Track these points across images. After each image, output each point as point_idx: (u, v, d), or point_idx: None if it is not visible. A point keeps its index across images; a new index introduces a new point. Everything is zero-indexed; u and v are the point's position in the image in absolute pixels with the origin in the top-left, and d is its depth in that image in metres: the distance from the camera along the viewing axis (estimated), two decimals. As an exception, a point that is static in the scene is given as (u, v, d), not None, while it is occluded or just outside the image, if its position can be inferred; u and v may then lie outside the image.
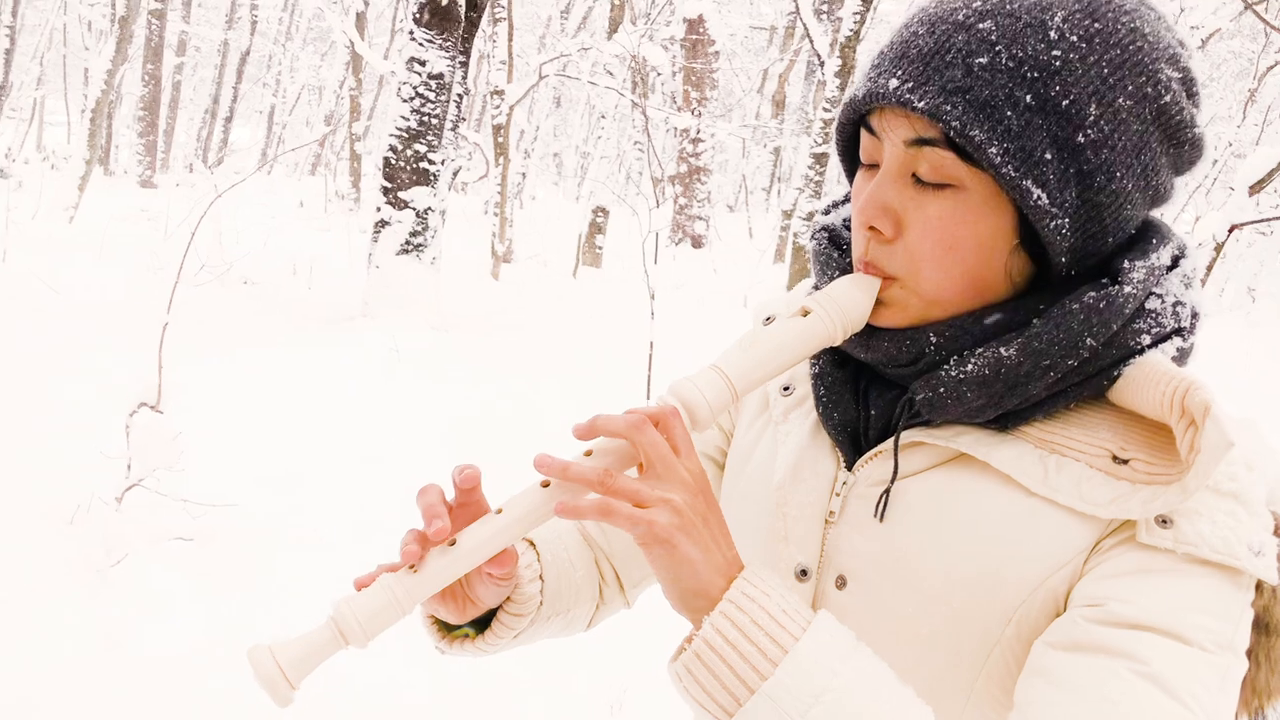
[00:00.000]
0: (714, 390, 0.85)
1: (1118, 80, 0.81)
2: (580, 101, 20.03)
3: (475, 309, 8.05)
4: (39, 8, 23.06)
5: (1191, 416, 0.78)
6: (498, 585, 0.93)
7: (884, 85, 0.84)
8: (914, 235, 0.86)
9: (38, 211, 10.84)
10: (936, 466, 0.89)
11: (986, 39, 0.81)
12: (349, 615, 0.79)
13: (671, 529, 0.79)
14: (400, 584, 0.81)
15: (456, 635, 1.01)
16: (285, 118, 24.81)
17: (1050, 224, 0.82)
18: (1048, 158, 0.81)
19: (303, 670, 0.78)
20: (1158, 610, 0.77)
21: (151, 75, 18.68)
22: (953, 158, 0.82)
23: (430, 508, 0.84)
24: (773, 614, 0.78)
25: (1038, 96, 0.80)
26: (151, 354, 3.77)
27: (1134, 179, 0.83)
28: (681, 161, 14.61)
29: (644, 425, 0.81)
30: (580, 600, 1.10)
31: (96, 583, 3.21)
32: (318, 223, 14.40)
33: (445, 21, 6.85)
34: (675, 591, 0.81)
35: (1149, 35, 0.83)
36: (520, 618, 1.00)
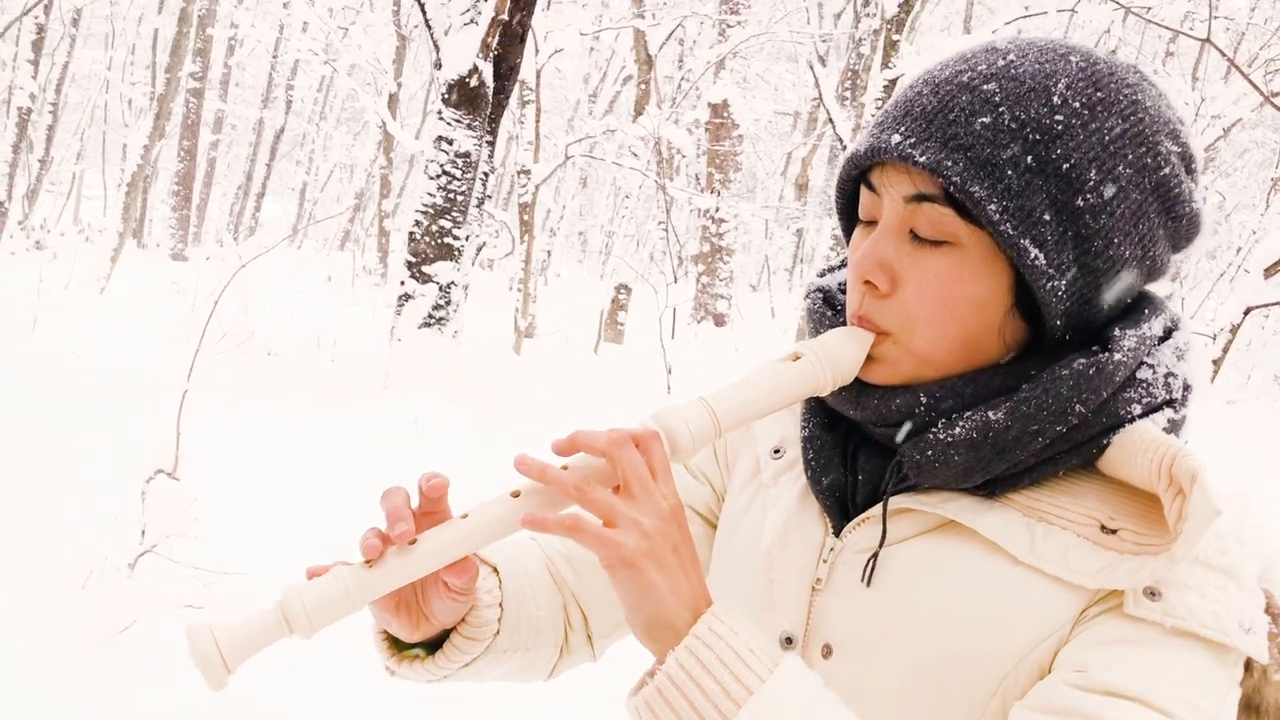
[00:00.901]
0: (698, 421, 0.84)
1: (1119, 148, 0.82)
2: (606, 182, 20.33)
3: (496, 383, 8.08)
4: (82, 86, 23.74)
5: (1179, 485, 0.77)
6: (454, 599, 0.90)
7: (886, 140, 0.85)
8: (909, 291, 0.86)
9: (70, 282, 11.03)
10: (924, 533, 0.88)
11: (990, 100, 0.82)
12: (296, 602, 0.76)
13: (639, 553, 0.77)
14: (354, 577, 0.78)
15: (407, 655, 0.97)
16: (317, 194, 25.27)
17: (1046, 285, 0.82)
18: (1046, 218, 0.81)
19: (241, 653, 0.75)
20: (1140, 679, 0.76)
21: (187, 151, 19.11)
22: (952, 214, 0.83)
23: (395, 509, 0.82)
24: (739, 652, 0.76)
25: (1039, 158, 0.81)
26: (171, 421, 3.80)
27: (1131, 246, 0.84)
28: (705, 241, 14.74)
29: (625, 443, 0.80)
30: (541, 641, 1.06)
31: (105, 649, 3.19)
32: (345, 297, 14.56)
33: (473, 102, 7.00)
34: (639, 619, 0.79)
35: (1150, 108, 0.84)
36: (474, 642, 0.96)
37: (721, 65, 14.44)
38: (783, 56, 21.56)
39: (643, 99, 13.20)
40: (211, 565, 3.60)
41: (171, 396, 3.95)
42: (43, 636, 3.18)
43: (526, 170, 11.29)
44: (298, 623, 0.75)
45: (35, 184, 16.97)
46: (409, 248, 7.07)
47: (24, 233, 15.47)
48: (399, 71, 16.38)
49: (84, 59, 20.74)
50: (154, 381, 5.90)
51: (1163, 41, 17.26)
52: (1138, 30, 17.26)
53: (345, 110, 25.59)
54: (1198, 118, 12.68)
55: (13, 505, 4.01)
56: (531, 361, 9.95)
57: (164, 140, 17.69)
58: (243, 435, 5.36)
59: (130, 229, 12.42)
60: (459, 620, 0.95)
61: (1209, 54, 14.86)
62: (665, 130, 10.54)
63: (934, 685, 0.84)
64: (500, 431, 6.43)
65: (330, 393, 6.92)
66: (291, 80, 23.96)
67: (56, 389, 5.70)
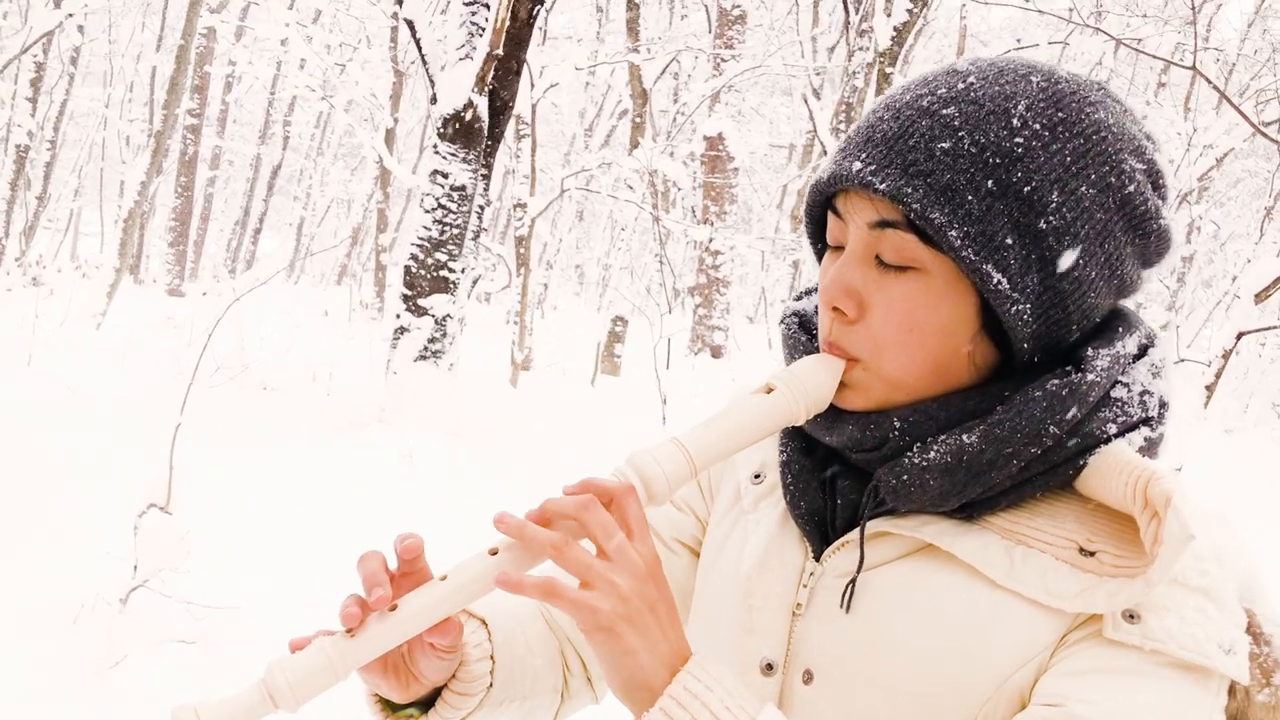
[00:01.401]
0: (673, 464, 0.83)
1: (1080, 169, 0.81)
2: (602, 216, 20.41)
3: (492, 415, 8.06)
4: (80, 123, 23.87)
5: (1154, 508, 0.77)
6: (440, 658, 0.89)
7: (847, 168, 0.84)
8: (877, 317, 0.85)
9: (66, 317, 11.03)
10: (903, 557, 0.87)
11: (949, 124, 0.81)
12: (279, 678, 0.76)
13: (615, 617, 0.76)
14: (336, 647, 0.78)
15: (401, 715, 0.96)
16: (314, 229, 25.35)
17: (1011, 309, 0.82)
18: (1009, 242, 0.81)
19: None
20: (1119, 713, 0.75)
21: (184, 187, 19.19)
22: (914, 240, 0.83)
23: (371, 575, 0.81)
24: (715, 712, 0.76)
25: (999, 182, 0.80)
26: (164, 455, 3.78)
27: (1098, 267, 0.83)
28: (701, 273, 14.77)
29: (592, 506, 0.79)
30: (540, 690, 1.05)
31: (96, 684, 3.16)
32: (341, 331, 14.57)
33: (468, 136, 7.03)
34: (616, 681, 0.79)
35: (1113, 126, 0.83)
36: (467, 697, 0.95)
37: (716, 99, 14.54)
38: (777, 90, 21.73)
39: (638, 133, 13.27)
40: (204, 600, 3.57)
41: (165, 431, 3.94)
42: (34, 671, 3.16)
43: (522, 204, 11.34)
44: (282, 698, 0.76)
45: (33, 220, 17.02)
46: (404, 280, 7.08)
47: (21, 269, 15.50)
48: (396, 107, 16.47)
49: (82, 96, 20.88)
50: (148, 416, 5.89)
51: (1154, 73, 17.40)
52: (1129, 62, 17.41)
53: (342, 146, 25.74)
54: (1190, 147, 12.77)
55: (5, 539, 3.99)
56: (528, 394, 9.94)
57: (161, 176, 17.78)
58: (237, 469, 5.33)
59: (127, 265, 12.45)
60: (450, 677, 0.94)
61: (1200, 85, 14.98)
62: (660, 163, 10.60)
63: (915, 710, 0.83)
64: (496, 464, 6.41)
65: (325, 426, 6.90)
66: (289, 116, 24.11)
67: (51, 423, 5.69)
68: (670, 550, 1.07)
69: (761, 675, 0.91)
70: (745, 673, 0.92)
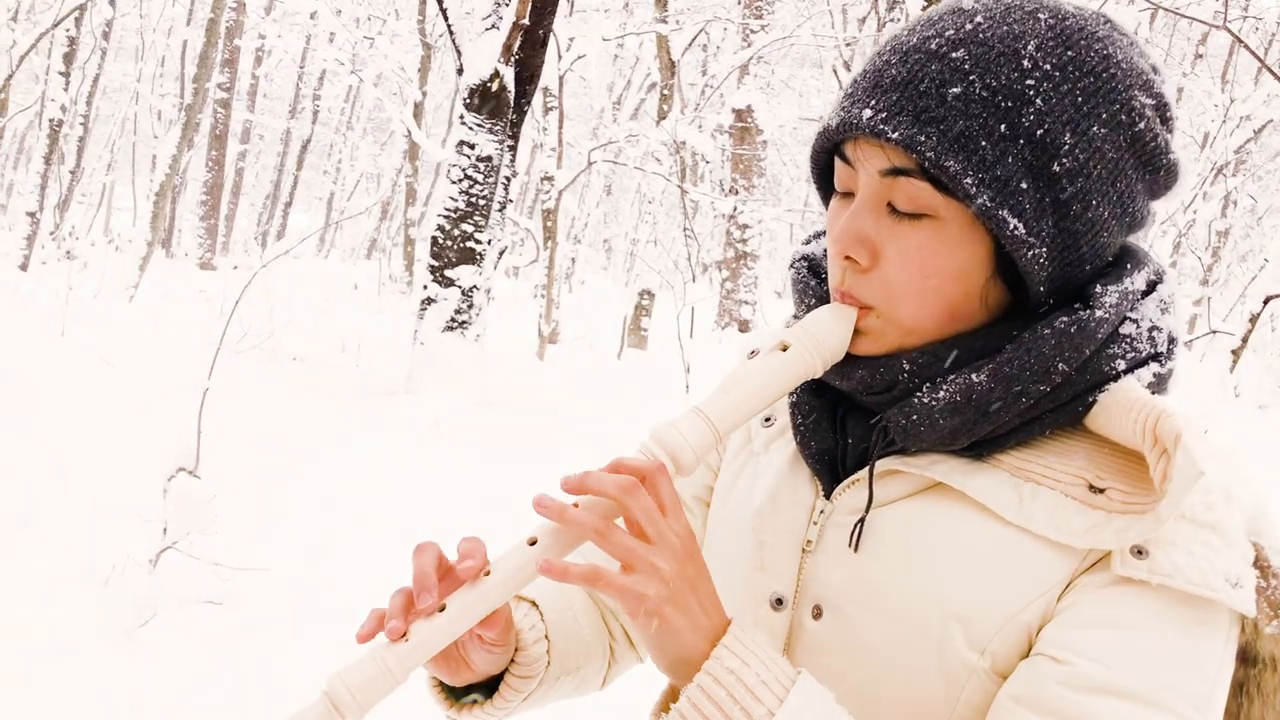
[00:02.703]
0: (697, 435, 0.84)
1: (1091, 109, 0.81)
2: (630, 190, 20.35)
3: (519, 386, 8.10)
4: (113, 98, 24.05)
5: (1163, 445, 0.76)
6: (490, 651, 0.92)
7: (857, 115, 0.83)
8: (890, 266, 0.85)
9: (99, 290, 11.15)
10: (913, 495, 0.87)
11: (960, 68, 0.81)
12: (342, 689, 0.79)
13: (660, 601, 0.78)
14: (391, 653, 0.80)
15: (464, 703, 0.99)
16: (344, 204, 25.46)
17: (1028, 253, 0.82)
18: (1023, 187, 0.80)
19: None
20: (1128, 671, 0.75)
21: (215, 161, 19.31)
22: (928, 188, 0.82)
23: (423, 578, 0.82)
24: (750, 686, 0.77)
25: (1012, 126, 0.80)
26: (193, 421, 3.83)
27: (1110, 206, 0.83)
28: (729, 246, 14.73)
29: (636, 490, 0.79)
30: (591, 659, 1.08)
31: (125, 643, 3.22)
32: (371, 305, 14.66)
33: (495, 106, 7.03)
34: (663, 660, 0.81)
35: (1121, 62, 0.83)
36: (528, 679, 0.98)
37: (745, 70, 14.45)
38: (808, 62, 21.53)
39: (665, 105, 13.21)
40: (231, 561, 3.62)
41: (195, 398, 3.99)
42: (66, 630, 3.21)
43: (550, 177, 11.34)
44: (347, 708, 0.79)
45: (66, 195, 17.19)
46: (431, 252, 7.11)
47: (55, 243, 15.67)
48: (424, 80, 16.48)
49: (115, 71, 21.02)
50: (179, 384, 5.96)
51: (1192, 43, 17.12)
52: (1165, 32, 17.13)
53: (371, 120, 25.80)
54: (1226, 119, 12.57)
55: (41, 503, 4.06)
56: (555, 366, 9.97)
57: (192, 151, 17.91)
58: (265, 435, 5.40)
59: (159, 238, 12.56)
60: (509, 661, 0.97)
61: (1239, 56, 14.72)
62: (688, 135, 10.55)
63: (923, 645, 0.83)
64: (522, 433, 6.44)
65: (353, 395, 6.96)
66: (318, 90, 24.19)
67: (84, 392, 5.77)
68: (691, 511, 1.09)
69: (771, 610, 0.92)
70: (755, 608, 0.93)
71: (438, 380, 6.94)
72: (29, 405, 5.26)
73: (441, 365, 6.93)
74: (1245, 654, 0.82)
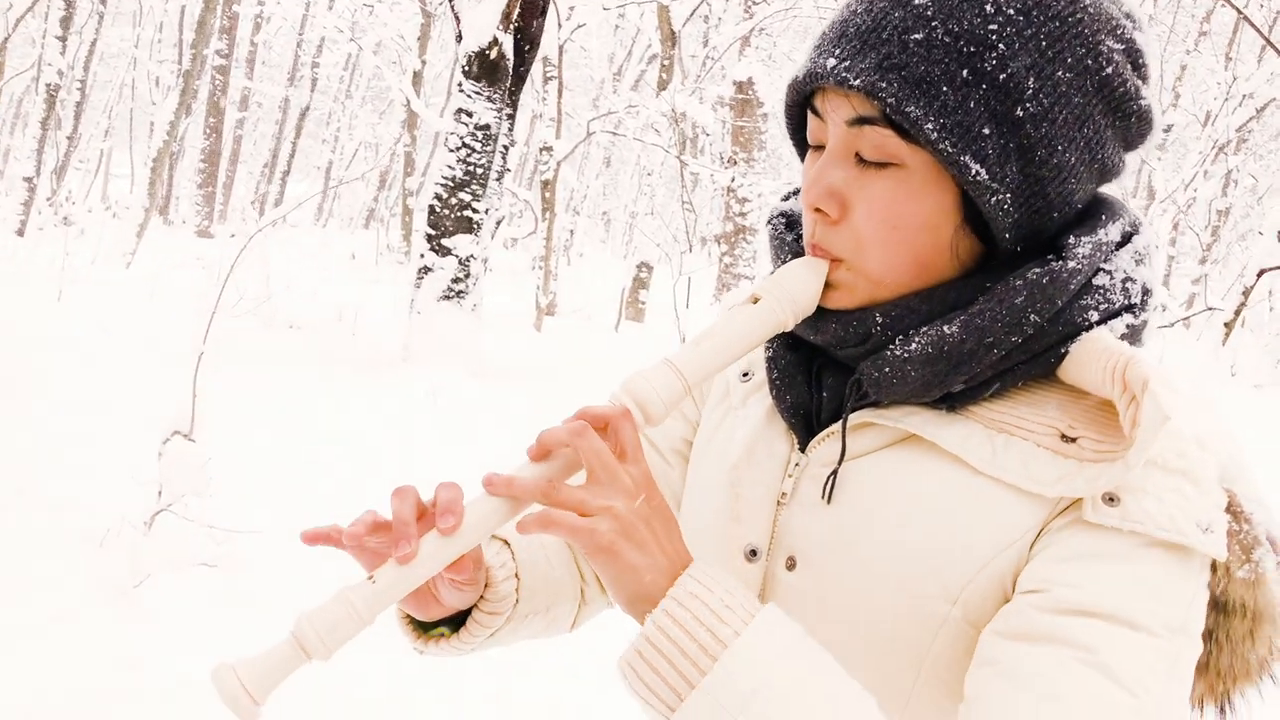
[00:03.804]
0: (666, 386, 0.85)
1: (1056, 53, 0.80)
2: (630, 162, 20.29)
3: (516, 358, 8.11)
4: (110, 63, 23.90)
5: (1132, 391, 0.77)
6: (460, 590, 0.92)
7: (822, 65, 0.83)
8: (859, 215, 0.85)
9: (96, 257, 11.13)
10: (886, 447, 0.88)
11: (923, 14, 0.81)
12: (308, 629, 0.79)
13: (613, 536, 0.78)
14: (358, 594, 0.81)
15: (432, 635, 1.00)
16: (342, 172, 25.37)
17: (991, 199, 0.82)
18: (986, 132, 0.80)
19: (266, 686, 0.79)
20: (1105, 595, 0.76)
21: (213, 129, 19.23)
22: (893, 135, 0.82)
23: (402, 526, 0.82)
24: (714, 609, 0.77)
25: (974, 71, 0.79)
26: (188, 385, 3.83)
27: (1077, 152, 0.83)
28: (728, 220, 14.69)
29: (585, 432, 0.81)
30: (560, 599, 1.08)
31: (121, 603, 3.24)
32: (369, 274, 14.65)
33: (493, 74, 7.00)
34: (620, 597, 0.81)
35: (1089, 7, 0.82)
36: (495, 615, 0.99)
37: (747, 42, 14.36)
38: (810, 34, 21.42)
39: (666, 76, 13.15)
40: (226, 524, 3.64)
41: (190, 362, 3.99)
42: (62, 590, 3.24)
43: (549, 148, 11.29)
44: (314, 649, 0.79)
45: (63, 160, 17.13)
46: (428, 220, 7.10)
47: (52, 208, 15.63)
48: (424, 49, 16.39)
49: (112, 36, 20.86)
50: (174, 349, 5.96)
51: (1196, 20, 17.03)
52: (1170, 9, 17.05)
53: (370, 88, 25.67)
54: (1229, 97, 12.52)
55: (37, 466, 4.07)
56: (551, 338, 9.97)
57: (190, 118, 17.83)
58: (261, 400, 5.41)
59: (156, 205, 12.53)
60: (478, 598, 0.98)
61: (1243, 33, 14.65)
62: (688, 106, 10.51)
63: (895, 595, 0.84)
64: (517, 402, 6.45)
65: (349, 363, 6.96)
66: (317, 58, 24.03)
67: (80, 357, 5.78)
68: (667, 463, 1.09)
69: (745, 561, 0.93)
70: (730, 560, 0.94)
71: (434, 350, 6.95)
72: (25, 370, 5.27)
73: (438, 334, 6.94)
74: (1216, 600, 0.82)
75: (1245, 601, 0.82)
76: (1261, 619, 0.83)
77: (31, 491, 3.89)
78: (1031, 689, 0.74)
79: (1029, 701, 0.74)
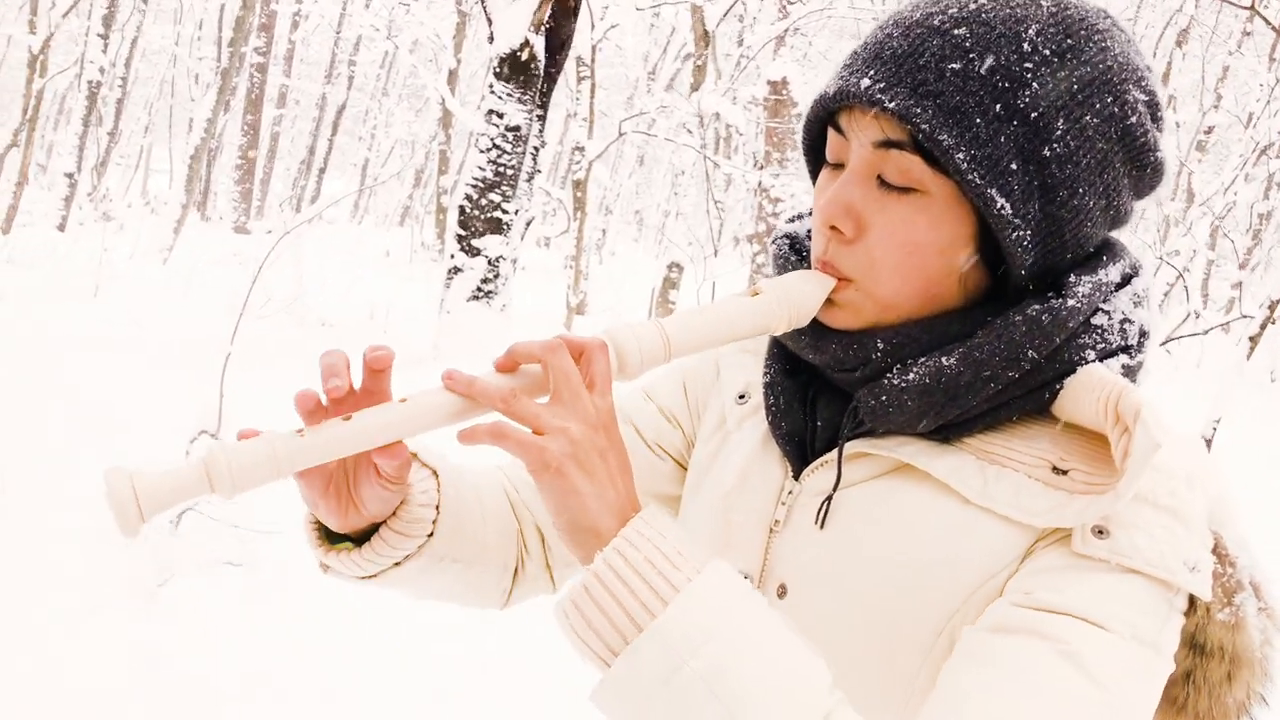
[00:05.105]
0: (649, 341, 0.83)
1: (1086, 97, 0.81)
2: (663, 161, 20.28)
3: (544, 357, 8.12)
4: (151, 61, 24.20)
5: (1125, 422, 0.77)
6: (384, 488, 0.88)
7: (855, 84, 0.83)
8: (875, 238, 0.85)
9: (134, 252, 11.28)
10: (879, 476, 0.88)
11: (961, 45, 0.81)
12: (221, 461, 0.74)
13: (563, 457, 0.76)
14: (283, 443, 0.77)
15: (338, 547, 0.95)
16: (378, 170, 25.54)
17: (1012, 234, 0.82)
18: (1013, 168, 0.81)
19: (158, 504, 0.74)
20: (1083, 599, 0.77)
21: (251, 125, 19.42)
22: (919, 162, 0.82)
23: (331, 366, 0.80)
24: (667, 553, 0.76)
25: (1007, 106, 0.80)
26: (216, 384, 3.88)
27: (1095, 196, 0.84)
28: (760, 220, 14.65)
29: (559, 349, 0.79)
30: (487, 560, 1.03)
31: (146, 602, 3.28)
32: (402, 272, 14.73)
33: (524, 76, 7.02)
34: (563, 523, 0.79)
35: (1119, 56, 0.83)
36: (405, 538, 0.93)
37: (781, 41, 14.31)
38: (846, 34, 21.30)
39: (699, 76, 13.13)
40: (251, 524, 3.68)
41: (218, 362, 4.04)
42: (88, 588, 3.28)
43: (582, 147, 11.31)
44: (220, 482, 0.74)
45: (104, 156, 17.37)
46: (459, 221, 7.14)
47: (92, 204, 15.85)
48: (459, 48, 16.47)
49: (153, 34, 21.13)
50: (207, 347, 6.03)
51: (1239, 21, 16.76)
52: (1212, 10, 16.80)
53: (407, 86, 25.81)
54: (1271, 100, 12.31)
55: (68, 463, 4.13)
56: (582, 337, 9.99)
57: (228, 115, 18.01)
58: (288, 399, 5.44)
59: (194, 201, 12.68)
60: (390, 514, 0.93)
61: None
62: (719, 106, 10.49)
63: (885, 623, 0.84)
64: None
65: (379, 362, 7.01)
66: (354, 56, 24.21)
67: (114, 353, 5.86)
68: (654, 453, 1.09)
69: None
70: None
71: (464, 349, 6.98)
72: (57, 368, 5.35)
73: (466, 334, 6.97)
74: (1194, 640, 0.83)
75: (1224, 645, 0.83)
76: (1240, 663, 0.83)
77: (60, 489, 3.95)
78: (1001, 671, 0.75)
79: (996, 678, 0.75)
